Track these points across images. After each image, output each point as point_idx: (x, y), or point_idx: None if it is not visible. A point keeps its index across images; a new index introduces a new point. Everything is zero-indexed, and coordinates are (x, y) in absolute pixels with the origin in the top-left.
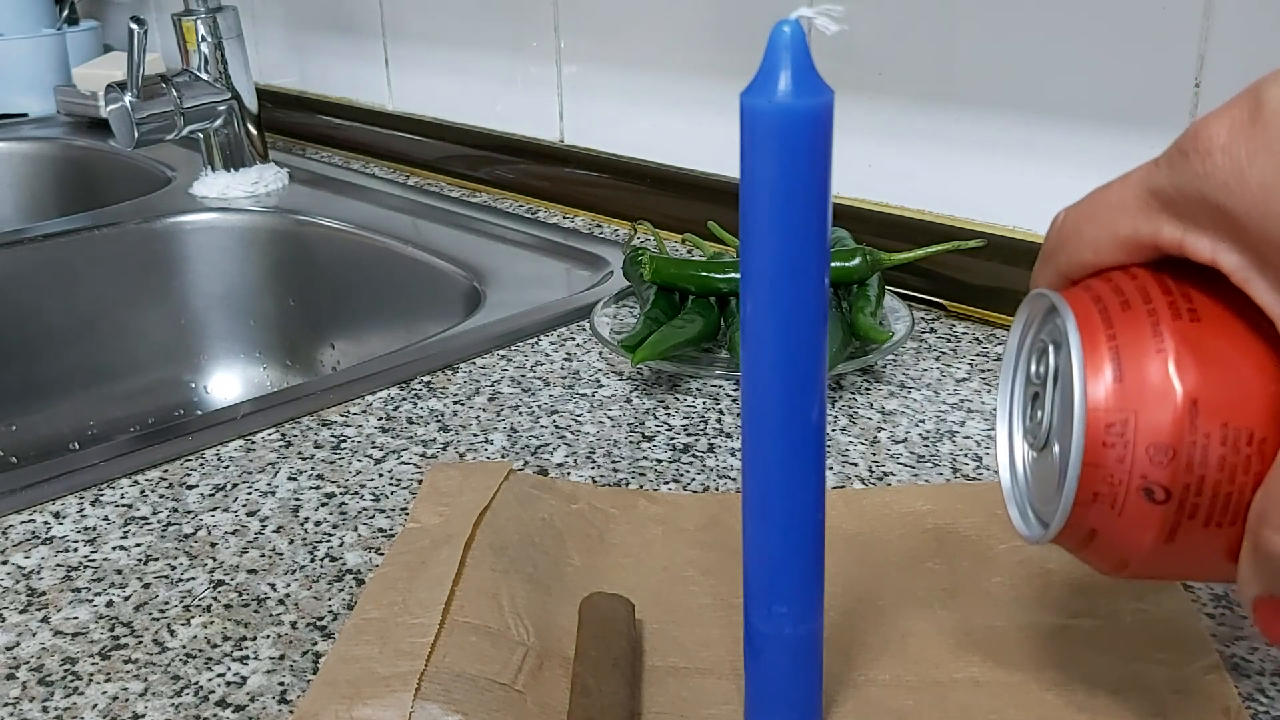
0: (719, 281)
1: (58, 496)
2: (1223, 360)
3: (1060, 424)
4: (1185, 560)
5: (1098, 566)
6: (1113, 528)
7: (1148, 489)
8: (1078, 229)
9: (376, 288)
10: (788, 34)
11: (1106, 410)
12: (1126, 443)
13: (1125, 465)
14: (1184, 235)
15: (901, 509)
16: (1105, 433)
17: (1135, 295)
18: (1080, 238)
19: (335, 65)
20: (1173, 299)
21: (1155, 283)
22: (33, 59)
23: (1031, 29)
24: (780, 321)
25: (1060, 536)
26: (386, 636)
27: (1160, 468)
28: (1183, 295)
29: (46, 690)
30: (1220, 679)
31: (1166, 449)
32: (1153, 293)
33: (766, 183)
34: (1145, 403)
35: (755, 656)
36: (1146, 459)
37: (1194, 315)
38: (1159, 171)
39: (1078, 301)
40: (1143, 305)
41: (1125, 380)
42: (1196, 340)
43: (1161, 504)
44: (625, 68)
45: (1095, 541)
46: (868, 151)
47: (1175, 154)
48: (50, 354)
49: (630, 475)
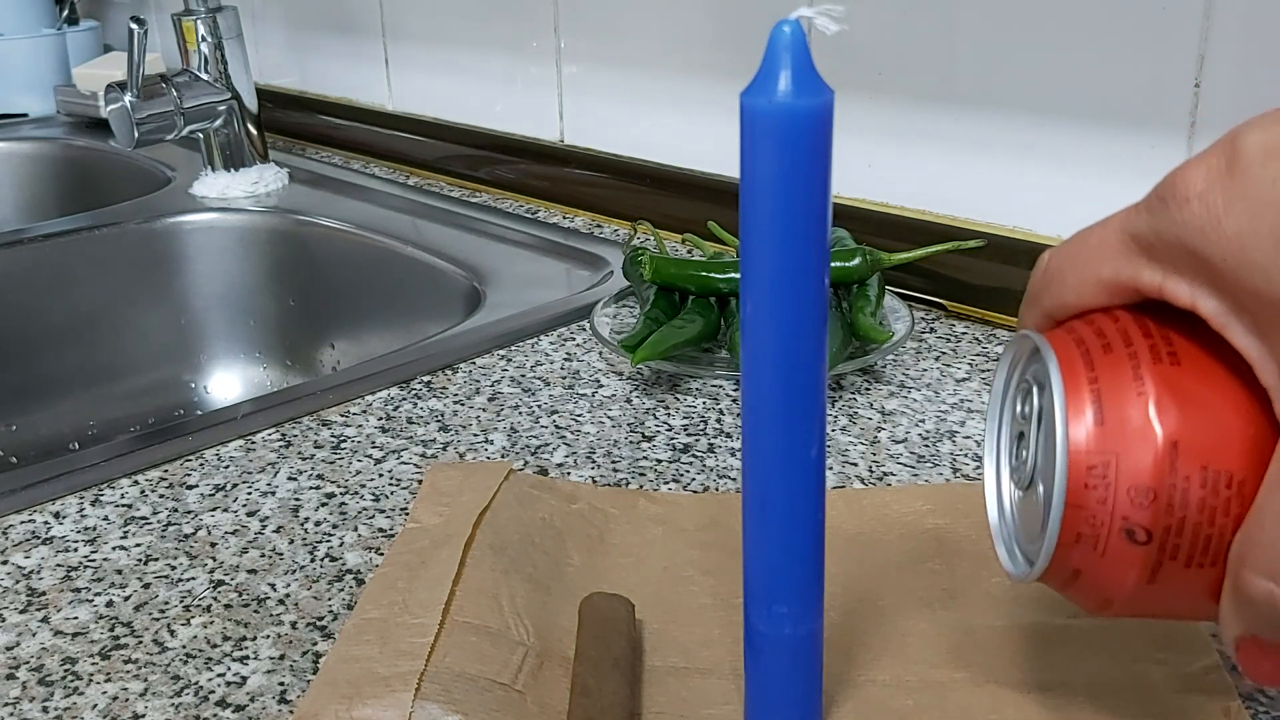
0: (719, 281)
1: (58, 496)
2: (1203, 403)
3: (1044, 464)
4: (1168, 600)
5: (1082, 605)
6: (1096, 568)
7: (1129, 530)
8: (1061, 272)
9: (376, 288)
10: (788, 34)
11: (1088, 452)
12: (1108, 484)
13: (1107, 507)
14: (1164, 280)
15: (901, 509)
16: (1087, 474)
17: (1117, 338)
18: (1063, 280)
19: (335, 65)
20: (1153, 342)
21: (1136, 325)
22: (33, 59)
23: (1031, 29)
24: (780, 321)
25: (1045, 576)
26: (386, 636)
27: (1141, 509)
28: (1163, 338)
29: (46, 690)
30: (1220, 679)
31: (1148, 491)
32: (1134, 336)
33: (766, 183)
34: (1126, 445)
35: (755, 656)
36: (1128, 501)
37: (1174, 359)
38: (1139, 217)
39: (1060, 344)
40: (1124, 348)
41: (1106, 423)
42: (1177, 383)
43: (1143, 545)
44: (625, 68)
45: (1079, 581)
46: (868, 151)
47: (1155, 200)
48: (50, 354)
49: (630, 475)
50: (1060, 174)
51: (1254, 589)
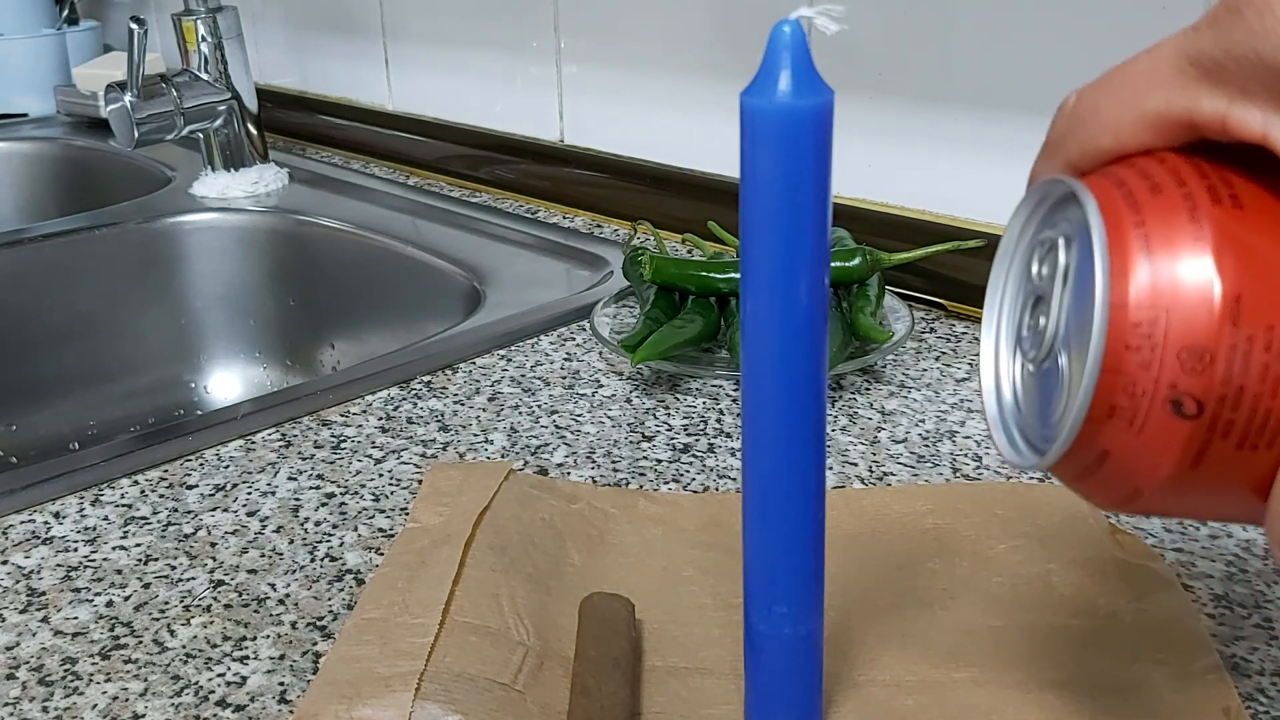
0: (719, 281)
1: (58, 496)
2: (1270, 254)
3: (1073, 328)
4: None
5: (1100, 500)
6: (1129, 448)
7: (1176, 400)
8: (1095, 109)
9: (376, 288)
10: (788, 34)
11: (1135, 307)
12: (1155, 345)
13: (1152, 372)
14: (1229, 107)
15: (901, 509)
16: (1131, 333)
17: (1166, 179)
18: (1097, 119)
19: (335, 65)
20: (1211, 183)
21: (1189, 166)
22: (33, 59)
23: (1031, 29)
24: (780, 321)
25: (1063, 461)
26: (386, 636)
27: (1193, 375)
28: (1222, 180)
29: (46, 690)
30: (1220, 679)
31: (1202, 353)
32: (1187, 176)
33: (766, 183)
34: (1180, 300)
35: (755, 656)
36: (1177, 365)
37: (1236, 202)
38: (1200, 35)
39: (1098, 188)
40: (1176, 189)
41: (1157, 274)
42: (1239, 230)
43: (1191, 419)
44: (625, 68)
45: (1104, 467)
46: (868, 151)
47: (1221, 13)
48: (50, 354)
49: (630, 475)
50: None
51: None
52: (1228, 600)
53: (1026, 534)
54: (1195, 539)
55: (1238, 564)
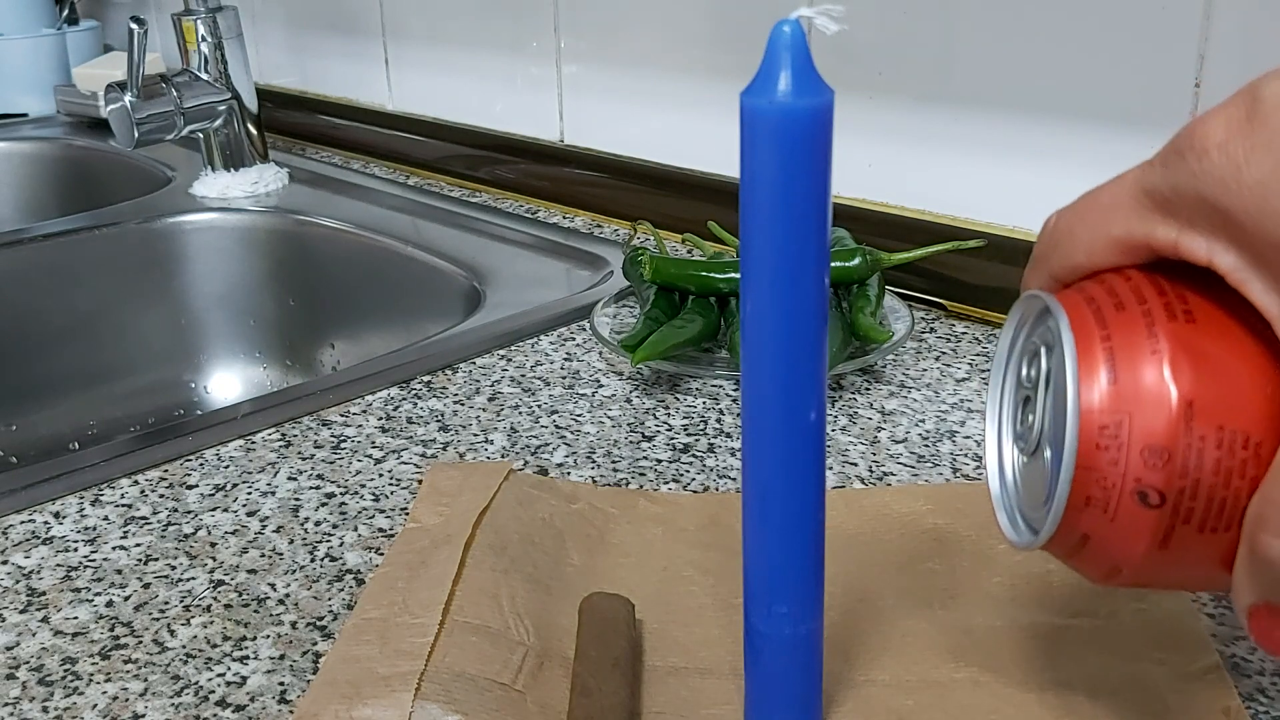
0: (719, 281)
1: (58, 496)
2: (1219, 362)
3: (1052, 427)
4: (1179, 567)
5: (1088, 574)
6: (1105, 533)
7: (1142, 492)
8: (1070, 231)
9: (376, 288)
10: (788, 34)
11: (1100, 412)
12: (1120, 445)
13: (1119, 468)
14: (1179, 236)
15: (901, 509)
16: (1099, 435)
17: (1129, 296)
18: (1073, 239)
19: (335, 65)
20: (1167, 300)
21: (1149, 284)
22: (33, 59)
23: (1031, 29)
24: (780, 321)
25: (1051, 543)
26: (386, 636)
27: (1155, 471)
28: (1178, 296)
29: (46, 690)
30: (1220, 679)
31: (1161, 452)
32: (1147, 294)
33: (766, 183)
34: (1140, 405)
35: (755, 656)
36: (1141, 462)
37: (1189, 317)
38: (1153, 171)
39: (1071, 303)
40: (1137, 306)
41: (1120, 382)
42: (1192, 342)
43: (1156, 508)
44: (625, 68)
45: (1087, 547)
46: (868, 151)
47: (1170, 153)
48: (50, 354)
49: (630, 475)
50: (1060, 174)
51: (1271, 552)
52: (1227, 600)
53: None
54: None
55: None
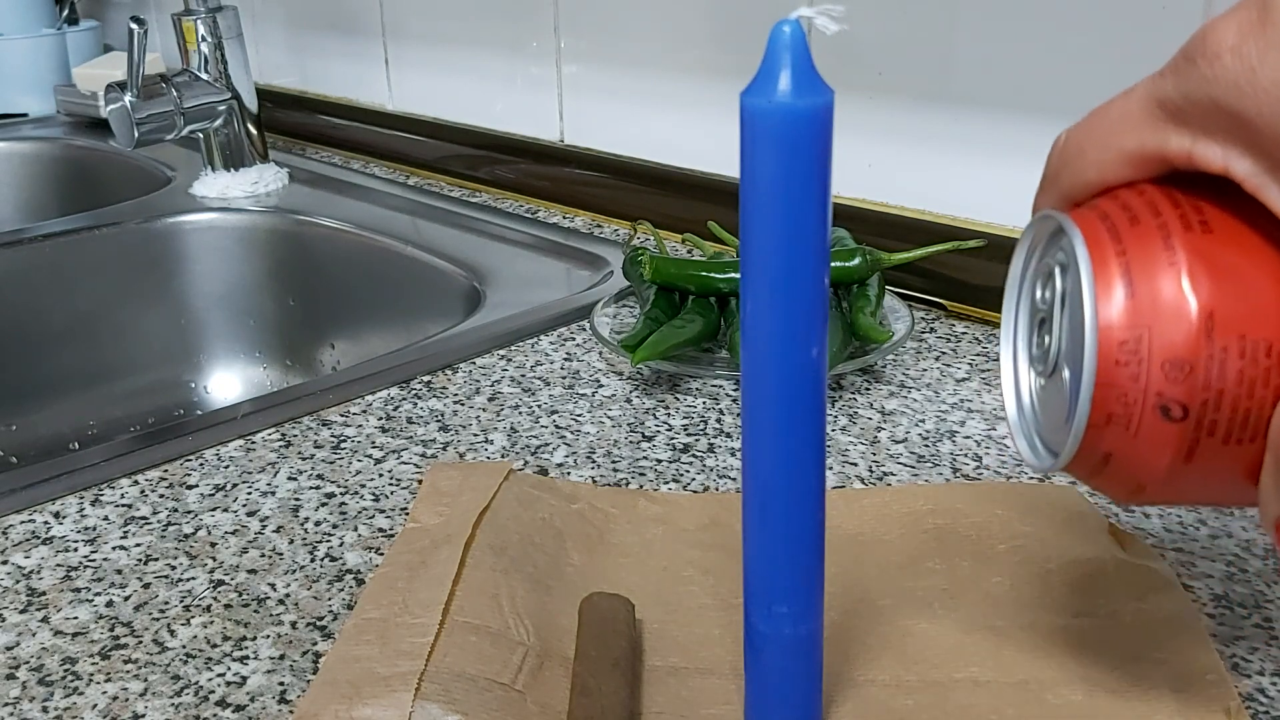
0: (719, 281)
1: (58, 496)
2: (1237, 271)
3: (1070, 347)
4: (1203, 482)
5: (1111, 494)
6: (1128, 450)
7: (1164, 406)
8: (1080, 148)
9: (376, 288)
10: (788, 34)
11: (1119, 327)
12: (1140, 360)
13: (1140, 383)
14: (1193, 145)
15: (901, 509)
16: (1118, 350)
17: (1144, 210)
18: (1083, 157)
19: (335, 65)
20: (1183, 212)
21: (1164, 197)
22: (33, 59)
23: (1031, 29)
24: (780, 321)
25: (1073, 463)
26: (386, 636)
27: (1177, 384)
28: (1193, 208)
29: (46, 690)
30: (1220, 679)
31: (1183, 364)
32: (1162, 207)
33: (766, 183)
34: (1159, 318)
35: (755, 656)
36: (1162, 376)
37: (1205, 227)
38: (1164, 81)
39: (1084, 220)
40: (1152, 220)
41: (1137, 296)
42: (1209, 252)
43: (1179, 422)
44: (625, 68)
45: (1110, 466)
46: (868, 151)
47: (1181, 61)
48: (50, 354)
49: (630, 475)
50: None
51: None
52: (1228, 600)
53: (1026, 534)
54: (1195, 539)
55: (1238, 564)
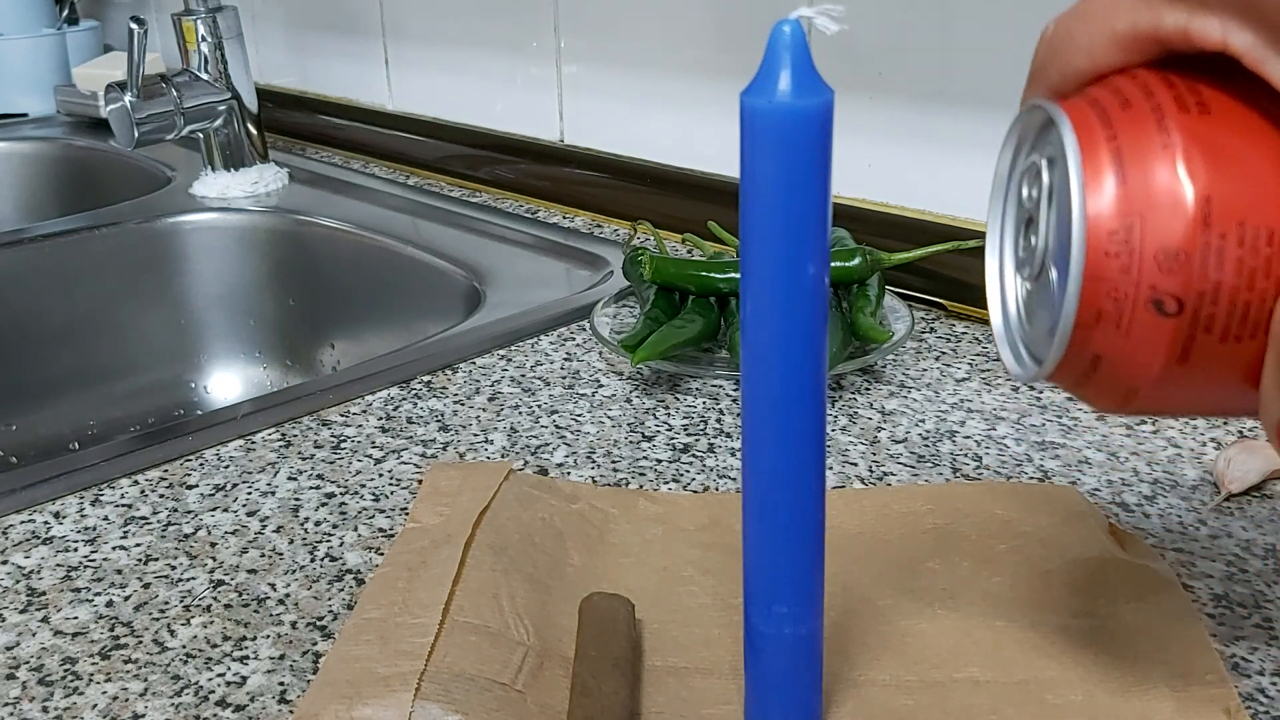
0: (719, 281)
1: (58, 496)
2: (1237, 154)
3: (1057, 242)
4: (1199, 385)
5: (1101, 403)
6: (1119, 350)
7: (1157, 300)
8: (1069, 33)
9: (376, 288)
10: (788, 34)
11: (1109, 216)
12: (1132, 250)
13: (1131, 276)
14: (1189, 19)
15: (901, 509)
16: (1108, 241)
17: (1136, 93)
18: (1073, 42)
19: (335, 65)
20: (1178, 93)
21: (1158, 79)
22: (33, 59)
23: (1031, 29)
24: (780, 321)
25: (1060, 369)
26: (386, 636)
27: (1171, 275)
28: (1189, 89)
29: (46, 690)
30: (1220, 679)
31: (1177, 253)
32: (1155, 89)
33: (766, 183)
34: (1152, 205)
35: (755, 656)
36: (1155, 267)
37: (1203, 108)
38: None
39: (1073, 108)
40: (1145, 102)
41: (1129, 182)
42: (1207, 135)
43: (1173, 316)
44: (625, 68)
45: (1099, 370)
46: (868, 151)
47: None
48: (50, 354)
49: (630, 475)
50: None
51: None
52: (1228, 600)
53: (1026, 534)
54: (1195, 539)
55: (1238, 564)
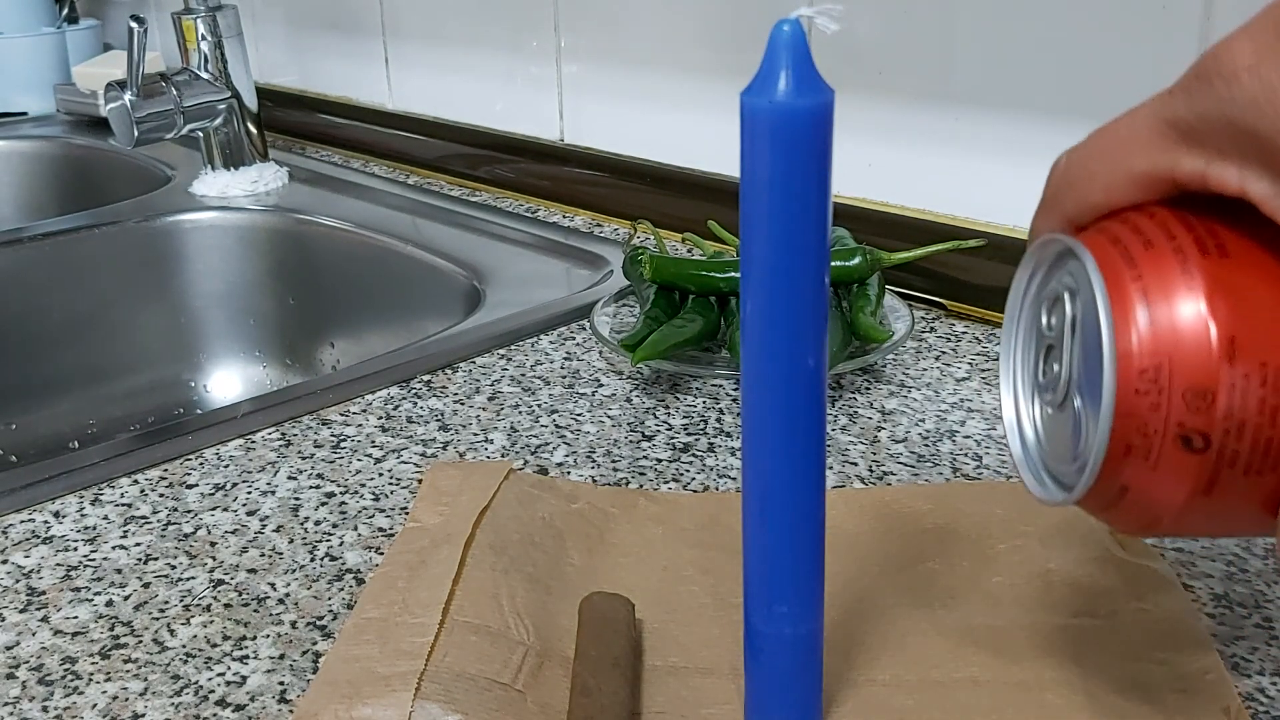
0: (719, 281)
1: (57, 496)
2: (1257, 296)
3: (1085, 375)
4: (1220, 514)
5: (1123, 527)
6: (1146, 482)
7: (1186, 436)
8: (1085, 169)
9: (376, 287)
10: (788, 33)
11: (1139, 355)
12: (1161, 389)
13: (1161, 413)
14: (1207, 166)
15: (901, 509)
16: (1138, 379)
17: (1157, 233)
18: (1089, 178)
19: (335, 64)
20: (1197, 235)
21: (1176, 220)
22: (32, 57)
23: (1031, 29)
24: (780, 321)
25: (1088, 496)
26: (386, 636)
27: (1199, 413)
28: (1208, 231)
29: (46, 690)
30: (1220, 679)
31: (1205, 393)
32: (1175, 230)
33: (766, 182)
34: (1180, 346)
35: (755, 656)
36: (1184, 404)
37: (1222, 251)
38: (1175, 100)
39: (1095, 244)
40: (1167, 243)
41: (1157, 323)
42: (1228, 277)
43: (1200, 452)
44: (625, 67)
45: (1125, 499)
46: (868, 151)
47: (1193, 81)
48: (50, 353)
49: (630, 475)
50: None
51: None
52: (1228, 600)
53: (1026, 534)
54: (1195, 539)
55: (1238, 564)
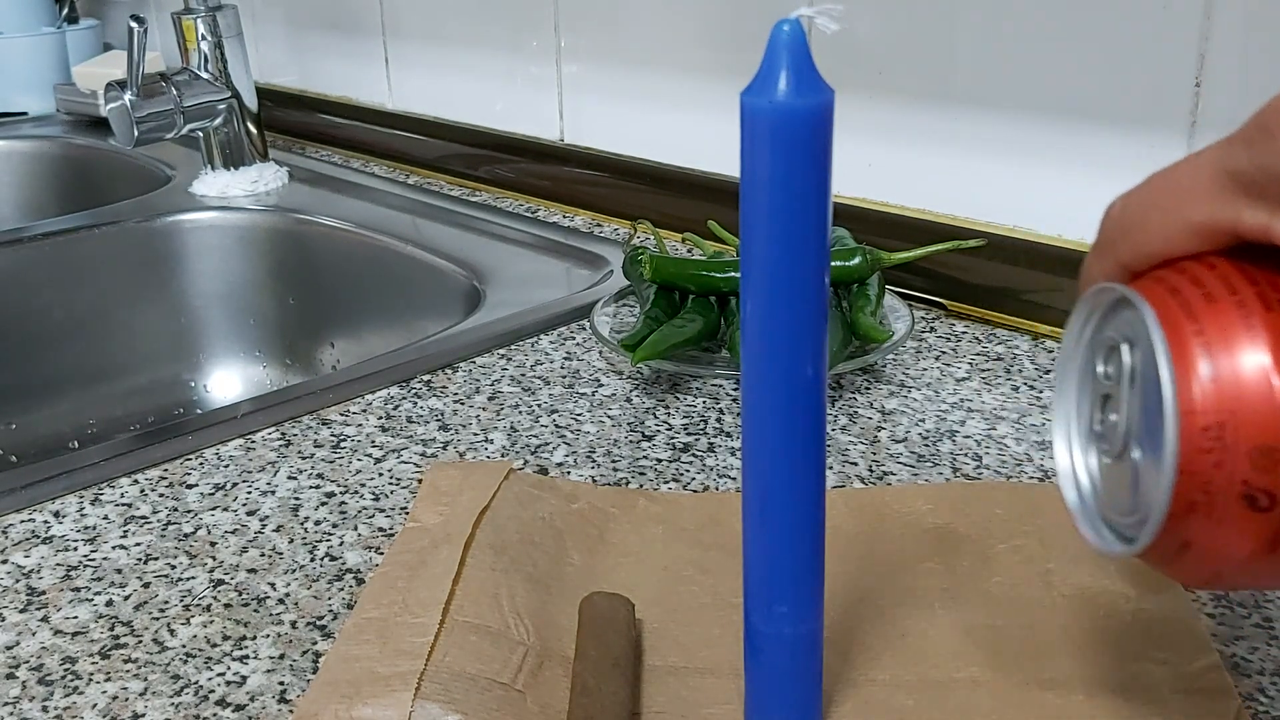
0: (719, 281)
1: (57, 496)
2: None
3: (1144, 428)
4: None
5: (1185, 579)
6: (1208, 539)
7: (1250, 495)
8: (1143, 217)
9: (376, 287)
10: (788, 33)
11: (1202, 412)
12: (1225, 446)
13: (1225, 471)
14: (1270, 219)
15: (901, 509)
16: (1201, 436)
17: (1218, 286)
18: (1146, 226)
19: (335, 64)
20: (1261, 290)
21: (1238, 273)
22: (32, 57)
23: (1031, 29)
24: (780, 321)
25: (1148, 551)
26: (386, 636)
27: (1264, 472)
28: (1271, 285)
29: (46, 690)
30: (1220, 679)
31: (1271, 451)
32: (1237, 284)
33: (766, 182)
34: (1244, 402)
35: (755, 656)
36: (1248, 463)
37: None
38: (1236, 151)
39: (1153, 295)
40: (1229, 297)
41: (1220, 379)
42: None
43: (1265, 511)
44: (625, 67)
45: (1188, 555)
46: (868, 151)
47: (1255, 132)
48: (50, 352)
49: (630, 475)
50: (1060, 174)
51: None
52: (1228, 600)
53: (1026, 534)
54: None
55: None
